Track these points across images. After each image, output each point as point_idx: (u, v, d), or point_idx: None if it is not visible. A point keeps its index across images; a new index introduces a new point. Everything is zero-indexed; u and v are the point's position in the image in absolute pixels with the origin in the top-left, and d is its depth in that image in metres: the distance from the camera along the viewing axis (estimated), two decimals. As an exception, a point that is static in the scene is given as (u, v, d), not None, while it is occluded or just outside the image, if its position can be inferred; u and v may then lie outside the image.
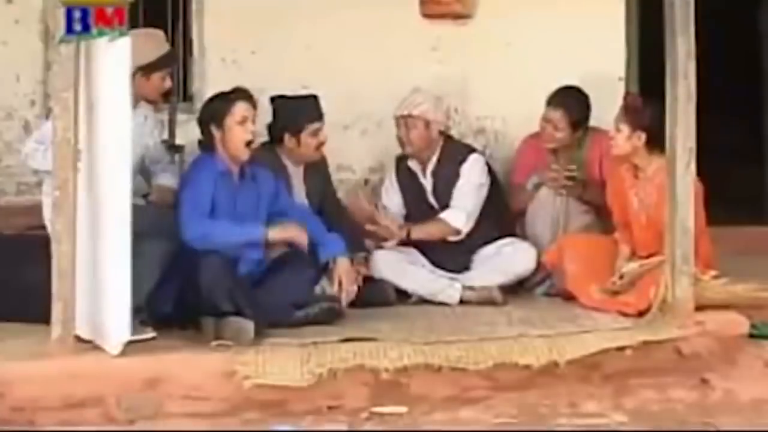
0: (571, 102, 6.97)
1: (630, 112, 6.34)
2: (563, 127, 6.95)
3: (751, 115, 8.79)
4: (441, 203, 6.86)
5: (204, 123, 6.12)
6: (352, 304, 6.41)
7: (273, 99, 6.67)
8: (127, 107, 5.43)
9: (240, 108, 6.07)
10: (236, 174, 6.14)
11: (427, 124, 6.82)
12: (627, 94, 6.63)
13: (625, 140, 6.33)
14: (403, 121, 6.82)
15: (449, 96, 7.41)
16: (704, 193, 6.27)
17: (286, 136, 6.60)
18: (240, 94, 6.10)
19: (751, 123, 8.82)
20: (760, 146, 8.40)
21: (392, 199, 6.97)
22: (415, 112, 6.78)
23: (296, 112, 6.61)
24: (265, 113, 6.54)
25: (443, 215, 6.79)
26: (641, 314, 6.09)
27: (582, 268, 6.45)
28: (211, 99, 6.22)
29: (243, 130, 6.06)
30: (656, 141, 6.17)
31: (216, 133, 6.07)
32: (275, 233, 6.11)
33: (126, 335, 5.42)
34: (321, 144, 6.66)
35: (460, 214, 6.77)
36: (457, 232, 6.77)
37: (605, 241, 6.63)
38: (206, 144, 6.14)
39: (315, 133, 6.62)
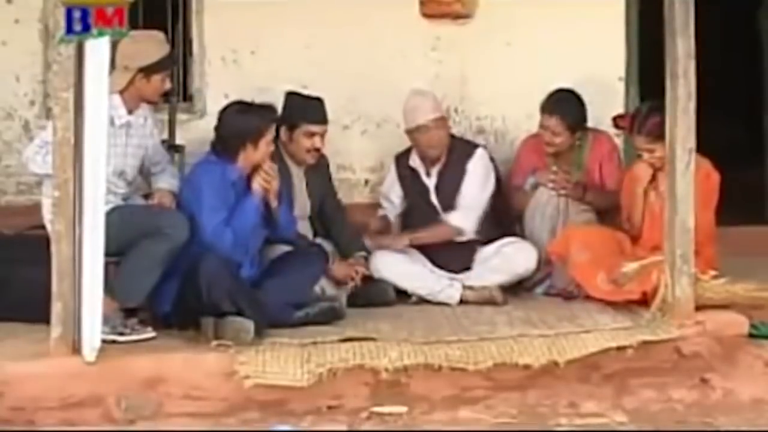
0: (565, 106, 6.94)
1: (652, 134, 6.27)
2: (561, 131, 6.93)
3: (751, 115, 8.79)
4: (444, 202, 6.86)
5: (237, 137, 6.08)
6: (352, 304, 6.42)
7: (288, 94, 6.71)
8: (103, 111, 5.40)
9: (272, 129, 6.16)
10: (245, 180, 6.15)
11: (446, 121, 6.88)
12: (615, 117, 6.56)
13: (663, 154, 6.25)
14: (434, 125, 6.78)
15: (449, 96, 7.43)
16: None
17: (282, 129, 6.59)
18: (273, 112, 6.20)
19: (751, 123, 8.81)
20: (760, 146, 8.40)
21: (394, 194, 6.99)
22: (439, 113, 6.83)
23: (298, 109, 6.62)
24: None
25: (448, 217, 6.80)
26: (645, 296, 6.07)
27: (590, 256, 6.42)
28: (245, 112, 6.15)
29: (268, 149, 6.13)
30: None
31: (248, 148, 6.08)
32: (257, 185, 6.09)
33: (97, 342, 5.40)
34: (315, 149, 6.64)
35: (466, 213, 6.80)
36: (461, 232, 6.78)
37: (610, 231, 6.62)
38: (225, 153, 6.13)
39: (309, 135, 6.61)
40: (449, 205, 6.84)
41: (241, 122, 6.12)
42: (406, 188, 6.97)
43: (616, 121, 6.52)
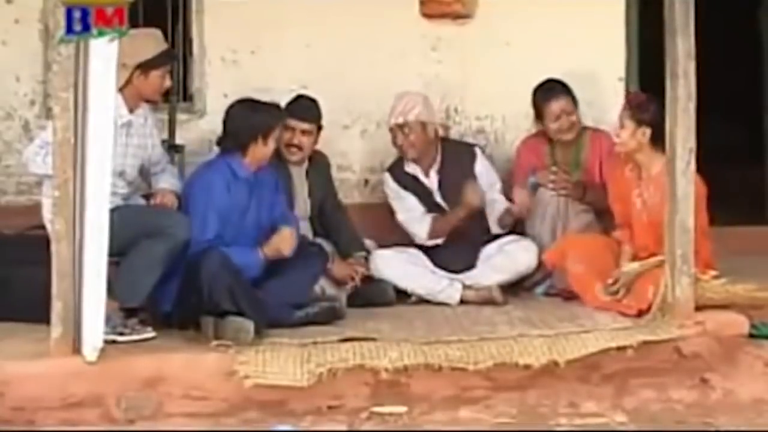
0: (564, 86, 7.03)
1: (633, 108, 6.33)
2: (573, 110, 7.00)
3: (751, 115, 8.79)
4: (448, 201, 6.89)
5: (248, 131, 6.13)
6: (352, 304, 6.42)
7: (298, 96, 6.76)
8: (110, 110, 5.40)
9: (279, 126, 6.25)
10: (252, 178, 6.20)
11: (423, 126, 6.87)
12: (630, 91, 6.64)
13: (630, 136, 6.32)
14: (399, 128, 6.84)
15: (449, 96, 7.43)
16: (707, 193, 6.28)
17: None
18: (282, 112, 6.32)
19: (751, 123, 8.81)
20: (760, 146, 8.40)
21: (408, 203, 6.96)
22: (410, 117, 6.82)
23: (287, 104, 6.64)
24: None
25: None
26: (641, 313, 6.09)
27: (586, 268, 6.44)
28: (255, 109, 6.21)
29: (274, 147, 6.22)
30: (660, 139, 6.16)
31: (258, 143, 6.12)
32: (269, 251, 6.11)
33: (99, 342, 5.39)
34: (293, 146, 6.65)
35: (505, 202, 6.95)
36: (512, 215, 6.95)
37: (607, 240, 6.63)
38: (233, 148, 6.16)
39: (289, 129, 6.59)
40: (455, 204, 6.85)
41: (253, 117, 6.17)
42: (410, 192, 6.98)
43: (629, 95, 6.53)
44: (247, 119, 6.17)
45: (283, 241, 6.11)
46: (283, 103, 6.59)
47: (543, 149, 7.10)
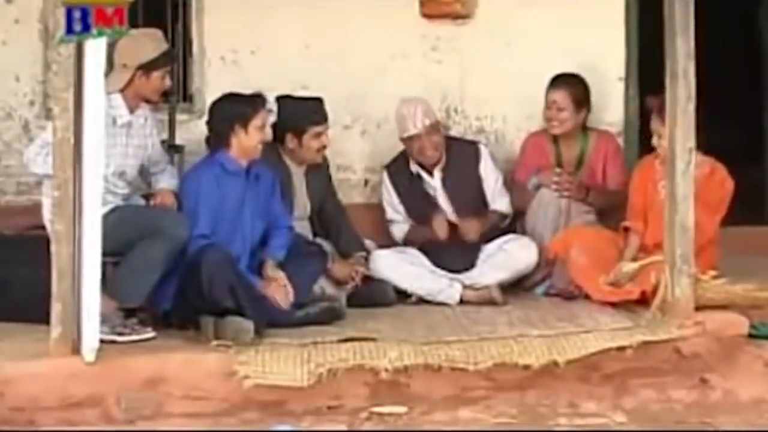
0: (570, 81, 7.03)
1: (661, 112, 6.26)
2: (566, 105, 6.96)
3: (751, 115, 8.78)
4: (452, 199, 6.91)
5: (226, 122, 6.16)
6: (352, 304, 6.42)
7: (279, 98, 6.68)
8: (101, 110, 5.41)
9: (263, 114, 6.22)
10: (244, 173, 6.19)
11: (437, 126, 6.89)
12: (648, 98, 6.57)
13: (664, 147, 6.25)
14: (425, 131, 6.81)
15: (449, 96, 7.44)
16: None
17: (289, 137, 6.61)
18: (263, 100, 6.26)
19: (751, 122, 8.81)
20: (760, 146, 8.39)
21: (396, 206, 7.02)
22: (427, 122, 6.82)
23: (300, 114, 6.62)
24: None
25: (497, 206, 6.98)
26: (645, 296, 6.08)
27: (590, 259, 6.44)
28: (233, 100, 6.26)
29: (262, 133, 6.20)
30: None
31: (238, 132, 6.13)
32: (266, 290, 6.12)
33: (95, 342, 5.39)
34: (323, 147, 6.67)
35: (506, 200, 7.00)
36: (508, 216, 7.02)
37: (611, 234, 6.63)
38: (219, 142, 6.18)
39: (317, 136, 6.63)
40: (458, 203, 6.88)
41: (228, 108, 6.21)
42: (404, 194, 6.98)
43: (652, 103, 6.49)
44: (223, 111, 6.21)
45: (278, 292, 6.09)
46: (283, 103, 6.61)
47: (548, 147, 7.10)
